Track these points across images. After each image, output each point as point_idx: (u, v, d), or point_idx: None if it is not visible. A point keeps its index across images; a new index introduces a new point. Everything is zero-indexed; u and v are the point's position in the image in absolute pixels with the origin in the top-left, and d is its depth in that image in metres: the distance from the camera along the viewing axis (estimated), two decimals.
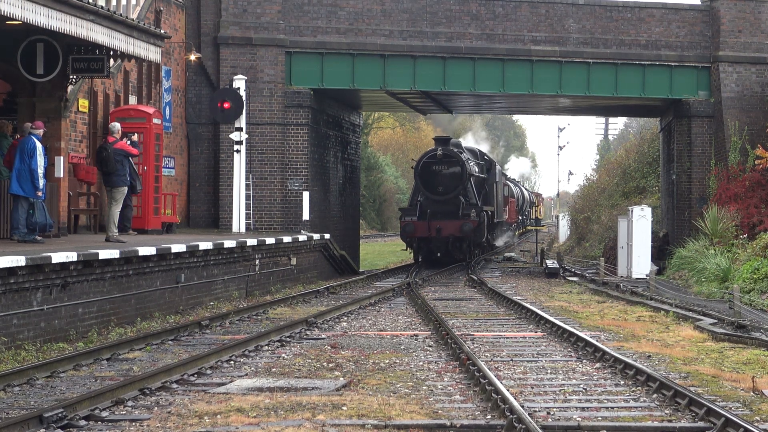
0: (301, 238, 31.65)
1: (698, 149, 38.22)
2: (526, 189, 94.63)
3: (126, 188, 24.62)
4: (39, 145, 21.06)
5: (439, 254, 41.25)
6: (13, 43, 22.62)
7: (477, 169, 45.92)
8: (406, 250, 43.21)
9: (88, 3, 20.93)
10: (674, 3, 38.64)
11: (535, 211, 79.21)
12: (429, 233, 40.84)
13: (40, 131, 21.55)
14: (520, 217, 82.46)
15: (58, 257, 17.10)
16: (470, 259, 43.01)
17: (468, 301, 26.93)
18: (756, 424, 11.27)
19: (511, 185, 70.35)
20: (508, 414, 11.41)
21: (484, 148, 74.01)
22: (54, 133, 23.39)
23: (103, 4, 23.76)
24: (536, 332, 20.04)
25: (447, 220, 40.95)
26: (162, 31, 25.40)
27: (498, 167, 53.00)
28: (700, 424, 11.52)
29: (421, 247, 41.95)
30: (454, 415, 11.88)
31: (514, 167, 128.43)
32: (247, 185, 33.91)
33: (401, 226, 41.92)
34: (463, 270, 39.62)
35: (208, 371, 14.77)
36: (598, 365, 15.66)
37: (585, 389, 13.65)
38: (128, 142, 25.81)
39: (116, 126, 25.65)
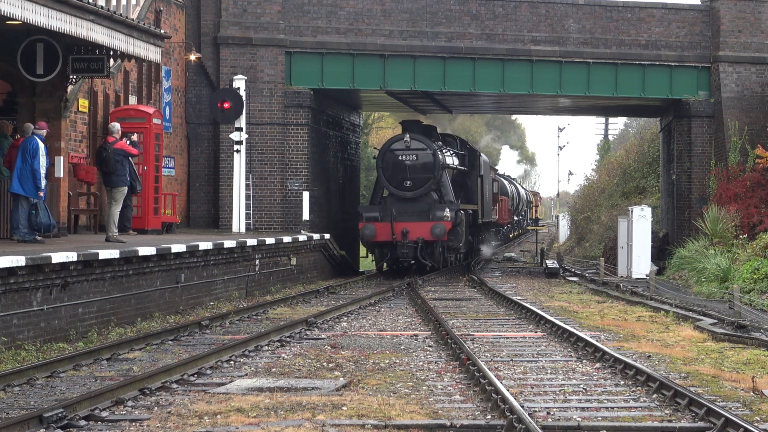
0: (301, 238, 31.65)
1: (698, 149, 38.23)
2: (522, 187, 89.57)
3: (126, 188, 24.63)
4: (42, 145, 21.08)
5: (413, 262, 35.24)
6: (13, 43, 22.62)
7: (456, 161, 39.59)
8: (367, 256, 37.02)
9: (88, 3, 20.94)
10: (674, 3, 38.65)
11: (535, 211, 78.14)
12: (393, 237, 34.73)
13: (44, 132, 21.58)
14: (515, 218, 75.47)
15: (58, 257, 17.10)
16: (444, 267, 36.96)
17: (468, 301, 26.93)
18: (756, 424, 11.27)
19: (504, 181, 64.82)
20: (508, 414, 11.41)
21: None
22: (54, 133, 23.39)
23: (103, 4, 23.76)
24: (536, 332, 20.04)
25: (416, 221, 35.01)
26: (162, 31, 25.41)
27: (484, 158, 45.23)
28: (700, 424, 11.52)
29: (384, 254, 35.67)
30: (454, 415, 11.88)
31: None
32: (247, 185, 33.91)
33: (360, 229, 35.44)
34: (463, 270, 39.55)
35: (208, 371, 14.77)
36: (598, 365, 15.66)
37: (585, 389, 13.65)
38: (128, 142, 25.83)
39: (116, 126, 25.67)
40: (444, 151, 37.70)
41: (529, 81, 37.59)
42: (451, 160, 38.51)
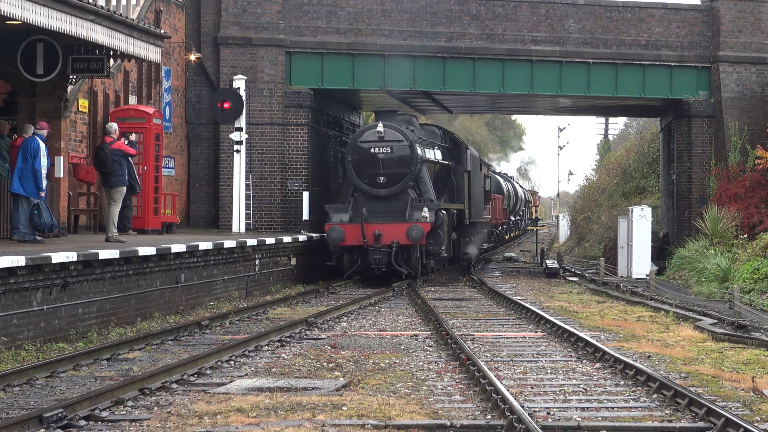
0: (301, 238, 31.63)
1: (698, 149, 38.24)
2: (520, 185, 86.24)
3: (125, 188, 24.61)
4: (43, 145, 21.10)
5: (384, 268, 31.16)
6: (13, 43, 22.63)
7: (438, 155, 35.40)
8: (333, 263, 31.84)
9: (88, 3, 20.94)
10: (674, 3, 38.67)
11: (535, 211, 77.45)
12: (364, 241, 30.88)
13: (45, 131, 21.59)
14: (511, 218, 70.00)
15: (58, 257, 17.10)
16: (423, 275, 32.79)
17: (468, 301, 26.92)
18: (756, 424, 11.27)
19: (499, 179, 60.56)
20: (508, 414, 11.41)
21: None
22: (54, 133, 23.41)
23: (103, 4, 23.77)
24: (536, 332, 20.04)
25: (390, 222, 31.21)
26: (162, 31, 25.41)
27: (472, 152, 40.30)
28: (700, 424, 11.52)
29: (354, 260, 31.55)
30: (454, 415, 11.87)
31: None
32: (247, 185, 33.90)
33: (326, 231, 31.58)
34: (463, 270, 39.52)
35: (208, 371, 14.77)
36: (598, 365, 15.66)
37: (585, 389, 13.64)
38: (126, 142, 25.80)
39: (113, 126, 25.61)
40: (424, 142, 33.67)
41: (529, 81, 37.59)
42: (432, 154, 34.50)
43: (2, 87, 26.08)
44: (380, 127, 31.99)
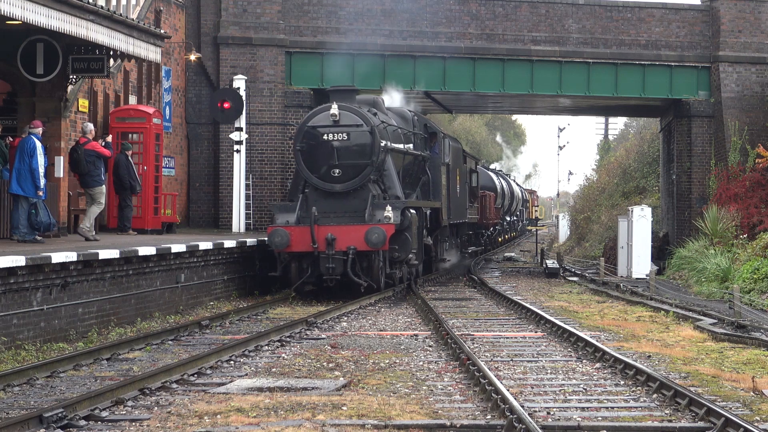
0: None
1: (698, 149, 38.26)
2: (516, 183, 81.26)
3: (102, 187, 24.35)
4: (39, 144, 21.10)
5: (340, 278, 25.73)
6: (13, 43, 22.65)
7: (409, 144, 29.55)
8: (277, 273, 26.33)
9: (88, 3, 20.95)
10: (674, 3, 38.68)
11: (534, 210, 76.77)
12: (315, 246, 25.29)
13: (39, 130, 21.58)
14: (507, 219, 64.14)
15: (58, 257, 17.10)
16: (388, 287, 27.06)
17: (468, 301, 26.91)
18: (756, 424, 11.27)
19: (491, 175, 55.13)
20: (508, 414, 11.41)
21: None
22: (54, 133, 23.43)
23: (103, 4, 23.77)
24: (536, 332, 20.04)
25: (346, 223, 25.89)
26: (162, 31, 25.42)
27: (452, 142, 34.70)
28: (700, 424, 11.52)
29: (303, 270, 25.87)
30: (454, 415, 11.87)
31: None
32: (247, 185, 33.90)
33: (268, 235, 25.99)
34: (463, 270, 39.49)
35: (208, 371, 14.77)
36: (598, 365, 15.66)
37: (585, 389, 13.64)
38: (103, 143, 25.47)
39: (88, 126, 25.33)
40: (390, 129, 27.92)
41: (529, 81, 37.60)
42: (401, 142, 28.71)
43: (2, 87, 26.08)
44: (334, 109, 26.35)
